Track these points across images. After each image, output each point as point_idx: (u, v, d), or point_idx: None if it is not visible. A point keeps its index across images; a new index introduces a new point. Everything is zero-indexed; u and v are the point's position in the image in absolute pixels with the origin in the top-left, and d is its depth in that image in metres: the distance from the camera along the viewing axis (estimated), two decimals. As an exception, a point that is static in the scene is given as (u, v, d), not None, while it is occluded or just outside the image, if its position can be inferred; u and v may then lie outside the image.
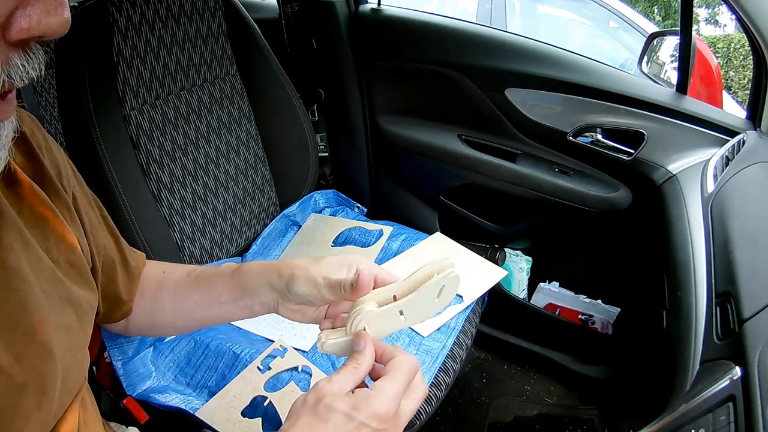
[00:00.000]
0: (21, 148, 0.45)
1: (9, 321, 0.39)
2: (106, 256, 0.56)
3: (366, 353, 0.45)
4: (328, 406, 0.41)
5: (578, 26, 3.34)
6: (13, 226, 0.41)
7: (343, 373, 0.44)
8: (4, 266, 0.39)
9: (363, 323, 0.46)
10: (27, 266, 0.41)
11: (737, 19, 0.96)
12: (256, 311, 0.57)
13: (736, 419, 0.47)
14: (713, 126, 1.07)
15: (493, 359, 1.49)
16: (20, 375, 0.38)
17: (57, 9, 0.29)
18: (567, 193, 1.23)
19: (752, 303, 0.58)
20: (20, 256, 0.40)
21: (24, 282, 0.40)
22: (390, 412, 0.42)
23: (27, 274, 0.41)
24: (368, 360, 0.45)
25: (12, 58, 0.29)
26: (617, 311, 1.34)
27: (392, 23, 1.37)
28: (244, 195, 1.19)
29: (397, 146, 1.42)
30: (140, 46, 0.98)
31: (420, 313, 0.48)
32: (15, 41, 0.29)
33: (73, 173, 0.53)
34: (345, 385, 0.43)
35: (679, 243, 0.84)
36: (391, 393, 0.42)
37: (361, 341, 0.46)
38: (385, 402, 0.42)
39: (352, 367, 0.44)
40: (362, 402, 0.41)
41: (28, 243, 0.42)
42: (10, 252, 0.40)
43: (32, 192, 0.44)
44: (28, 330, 0.40)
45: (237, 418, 0.81)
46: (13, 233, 0.40)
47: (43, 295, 0.42)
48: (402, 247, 1.15)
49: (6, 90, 0.30)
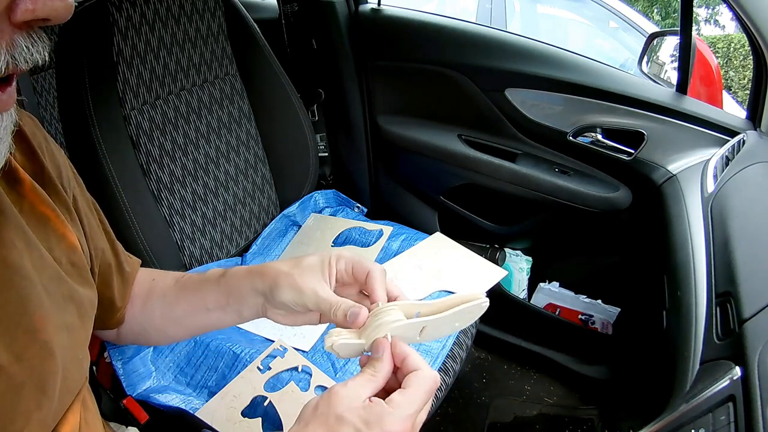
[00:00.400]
0: (21, 147, 0.45)
1: (10, 319, 0.38)
2: (103, 260, 0.56)
3: (385, 362, 0.43)
4: (339, 418, 0.39)
5: (578, 26, 3.34)
6: (15, 224, 0.41)
7: (359, 380, 0.42)
8: (6, 264, 0.39)
9: (385, 331, 0.45)
10: (29, 264, 0.41)
11: (737, 19, 0.96)
12: (245, 316, 0.57)
13: (736, 419, 0.47)
14: (713, 126, 1.07)
15: (493, 359, 1.49)
16: (20, 374, 0.38)
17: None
18: (567, 193, 1.23)
19: (752, 303, 0.58)
20: (22, 254, 0.40)
21: (26, 280, 0.40)
22: (402, 428, 0.39)
23: (29, 272, 0.40)
24: (387, 369, 0.43)
25: (16, 40, 0.30)
26: (617, 311, 1.34)
27: (392, 23, 1.37)
28: (244, 195, 1.19)
29: (397, 146, 1.42)
30: (140, 46, 0.98)
31: (435, 334, 0.47)
32: (20, 23, 0.29)
33: (74, 175, 0.53)
34: (361, 393, 0.41)
35: (679, 243, 0.84)
36: (407, 412, 0.40)
37: (380, 348, 0.44)
38: (400, 421, 0.39)
39: (369, 374, 0.43)
40: (375, 419, 0.39)
41: (30, 241, 0.42)
42: (11, 250, 0.39)
43: (33, 191, 0.44)
44: (29, 329, 0.40)
45: (237, 418, 0.81)
46: (14, 231, 0.40)
47: (45, 293, 0.42)
48: (402, 247, 1.15)
49: (10, 72, 0.30)
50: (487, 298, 0.47)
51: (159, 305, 0.61)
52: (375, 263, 0.51)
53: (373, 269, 0.50)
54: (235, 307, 0.56)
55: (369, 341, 0.45)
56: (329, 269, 0.51)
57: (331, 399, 0.41)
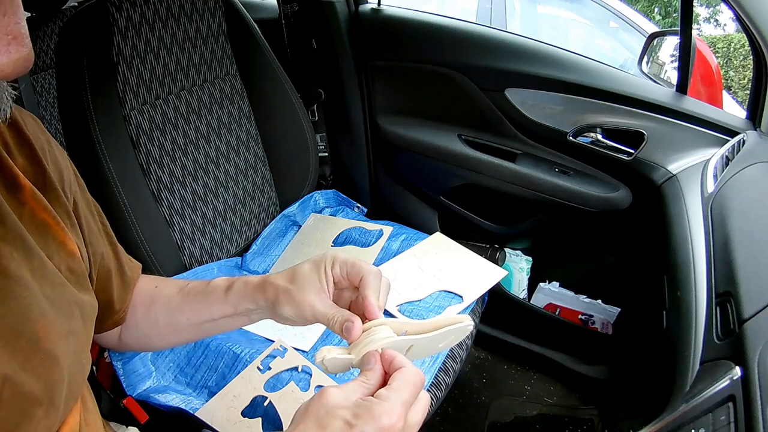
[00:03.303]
0: (24, 151, 0.45)
1: (12, 330, 0.38)
2: (102, 265, 0.56)
3: (376, 370, 0.44)
4: (329, 412, 0.40)
5: (578, 26, 3.34)
6: (15, 234, 0.40)
7: (351, 385, 0.43)
8: (6, 274, 0.39)
9: (375, 347, 0.46)
10: (28, 274, 0.41)
11: (737, 19, 0.96)
12: (253, 319, 0.59)
13: (736, 419, 0.47)
14: (713, 126, 1.07)
15: (493, 359, 1.49)
16: (27, 383, 0.38)
17: (9, 46, 0.26)
18: (567, 193, 1.23)
19: (752, 303, 0.58)
20: (21, 263, 0.40)
21: (26, 290, 0.40)
22: (393, 422, 0.39)
23: (29, 281, 0.40)
24: (378, 377, 0.44)
25: None
26: (617, 311, 1.34)
27: (392, 23, 1.37)
28: (244, 195, 1.19)
29: (397, 146, 1.42)
30: (140, 46, 0.98)
31: (422, 353, 0.49)
32: None
33: (76, 178, 0.53)
34: (351, 395, 0.42)
35: (679, 243, 0.84)
36: (395, 402, 0.40)
37: (371, 359, 0.45)
38: (388, 411, 0.39)
39: (361, 381, 0.43)
40: (364, 410, 0.39)
41: (31, 249, 0.41)
42: (10, 260, 0.39)
43: (34, 198, 0.44)
44: (32, 338, 0.39)
45: (237, 418, 0.81)
46: (14, 240, 0.40)
47: (47, 301, 0.42)
48: (402, 247, 1.15)
49: None
50: (471, 322, 0.49)
51: (162, 313, 0.61)
52: (370, 266, 0.52)
53: (367, 274, 0.50)
54: (242, 318, 0.58)
55: (359, 357, 0.46)
56: (325, 277, 0.52)
57: (322, 398, 0.41)
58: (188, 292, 0.61)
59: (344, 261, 0.52)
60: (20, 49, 0.26)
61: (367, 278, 0.50)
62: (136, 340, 0.64)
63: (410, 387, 0.42)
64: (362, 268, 0.51)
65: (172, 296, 0.61)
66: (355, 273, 0.51)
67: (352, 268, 0.51)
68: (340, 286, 0.53)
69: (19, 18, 0.27)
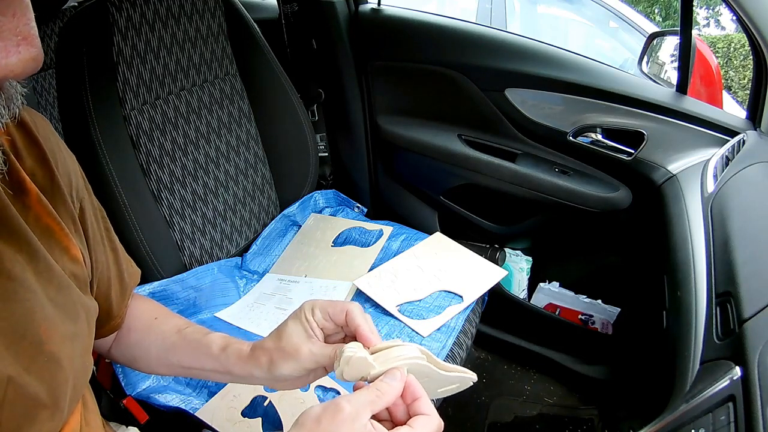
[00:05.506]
0: (33, 152, 0.45)
1: (15, 332, 0.38)
2: (103, 273, 0.56)
3: (395, 388, 0.43)
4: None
5: (578, 26, 3.34)
6: (19, 236, 0.40)
7: (365, 397, 0.42)
8: (9, 277, 0.39)
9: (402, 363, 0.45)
10: (33, 276, 0.40)
11: (737, 19, 0.96)
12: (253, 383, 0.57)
13: (736, 419, 0.47)
14: (713, 126, 1.07)
15: (493, 359, 1.49)
16: (31, 386, 0.38)
17: (19, 47, 0.26)
18: (567, 193, 1.23)
19: (752, 303, 0.58)
20: (25, 266, 0.40)
21: (30, 292, 0.40)
22: None
23: (32, 284, 0.40)
24: (393, 395, 0.43)
25: None
26: (617, 311, 1.34)
27: (392, 23, 1.37)
28: (244, 195, 1.19)
29: (397, 146, 1.42)
30: (140, 46, 0.98)
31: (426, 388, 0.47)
32: None
33: (84, 183, 0.53)
34: (361, 411, 0.40)
35: (679, 243, 0.84)
36: None
37: (397, 375, 0.44)
38: None
39: (376, 393, 0.42)
40: None
41: (36, 252, 0.41)
42: (14, 263, 0.39)
43: (39, 202, 0.43)
44: (35, 340, 0.39)
45: (237, 418, 0.81)
46: (18, 243, 0.40)
47: (51, 304, 0.42)
48: (402, 247, 1.15)
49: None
50: (476, 378, 0.51)
51: (156, 347, 0.61)
52: (350, 301, 0.52)
53: (351, 307, 0.50)
54: (236, 378, 0.57)
55: (383, 368, 0.45)
56: (308, 324, 0.51)
57: (336, 416, 0.40)
58: (185, 336, 0.60)
59: (322, 305, 0.52)
60: (30, 49, 0.26)
61: (352, 311, 0.50)
62: (125, 358, 0.64)
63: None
64: (343, 304, 0.51)
65: (169, 334, 0.60)
66: (339, 311, 0.50)
67: (333, 308, 0.51)
68: (327, 332, 0.52)
69: (29, 19, 0.27)
